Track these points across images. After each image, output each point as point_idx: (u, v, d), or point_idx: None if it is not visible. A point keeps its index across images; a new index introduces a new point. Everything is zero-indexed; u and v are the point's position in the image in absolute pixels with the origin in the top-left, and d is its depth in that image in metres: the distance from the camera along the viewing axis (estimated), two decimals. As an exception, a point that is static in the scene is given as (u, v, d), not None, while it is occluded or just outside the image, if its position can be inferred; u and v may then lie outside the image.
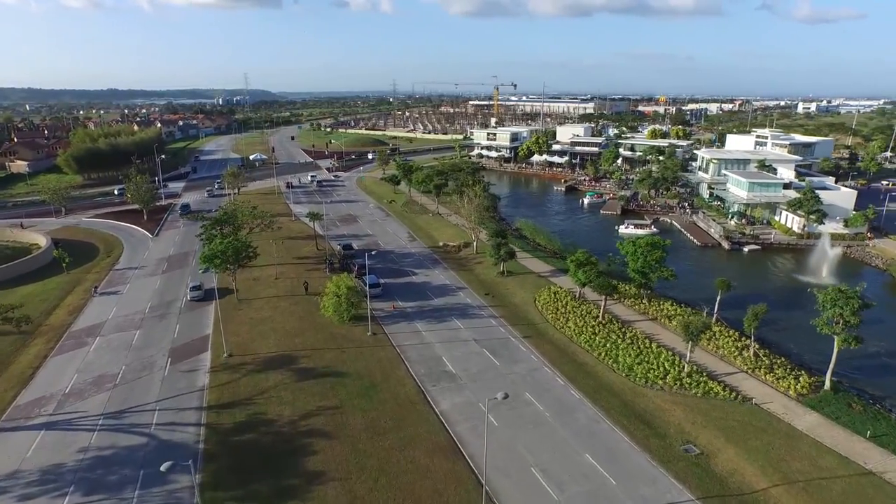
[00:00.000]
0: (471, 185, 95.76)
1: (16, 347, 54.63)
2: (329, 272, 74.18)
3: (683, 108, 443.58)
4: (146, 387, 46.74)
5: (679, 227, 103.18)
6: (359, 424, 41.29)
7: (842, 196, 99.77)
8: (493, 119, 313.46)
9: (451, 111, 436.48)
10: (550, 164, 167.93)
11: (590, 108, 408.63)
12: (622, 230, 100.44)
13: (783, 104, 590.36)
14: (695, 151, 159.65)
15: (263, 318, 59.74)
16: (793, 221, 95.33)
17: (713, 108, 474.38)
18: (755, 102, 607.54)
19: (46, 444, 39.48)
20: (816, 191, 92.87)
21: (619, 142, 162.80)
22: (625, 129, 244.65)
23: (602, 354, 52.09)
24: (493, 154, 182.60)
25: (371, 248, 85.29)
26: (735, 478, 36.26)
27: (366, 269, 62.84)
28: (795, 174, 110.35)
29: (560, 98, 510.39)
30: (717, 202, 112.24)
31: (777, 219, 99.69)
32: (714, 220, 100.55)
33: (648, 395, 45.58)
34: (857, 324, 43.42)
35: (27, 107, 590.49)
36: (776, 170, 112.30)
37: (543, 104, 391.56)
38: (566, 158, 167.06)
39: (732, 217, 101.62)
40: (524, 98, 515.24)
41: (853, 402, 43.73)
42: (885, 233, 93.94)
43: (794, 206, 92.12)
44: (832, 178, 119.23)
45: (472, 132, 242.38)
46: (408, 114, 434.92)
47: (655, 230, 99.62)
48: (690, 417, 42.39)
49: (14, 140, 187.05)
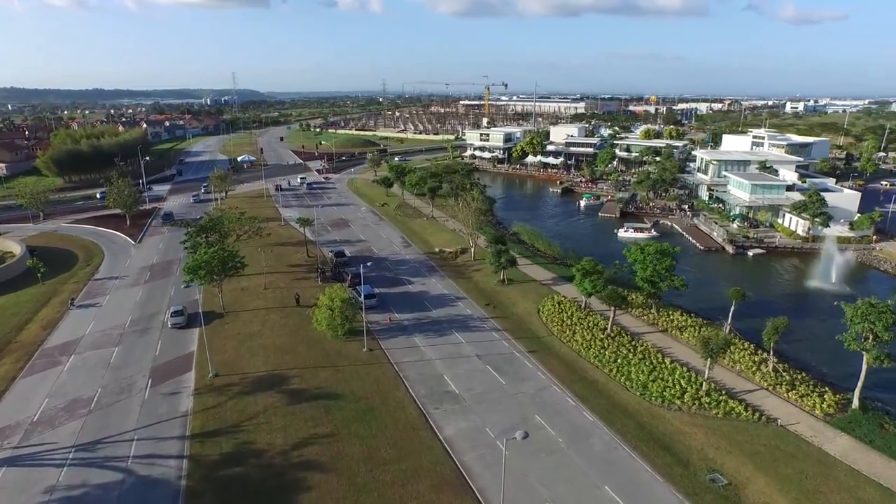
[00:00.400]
0: (468, 189, 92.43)
1: (-18, 368, 50.71)
2: (321, 281, 70.69)
3: (674, 108, 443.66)
4: (124, 412, 43.01)
5: (680, 231, 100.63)
6: (356, 454, 37.91)
7: (845, 198, 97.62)
8: (485, 119, 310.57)
9: (442, 111, 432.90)
10: (545, 166, 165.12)
11: (581, 108, 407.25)
12: (621, 234, 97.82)
13: (771, 104, 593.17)
14: (693, 152, 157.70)
15: (252, 333, 56.12)
16: (797, 224, 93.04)
17: (703, 108, 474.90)
18: (744, 102, 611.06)
19: (7, 484, 35.61)
20: (819, 193, 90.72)
21: (615, 142, 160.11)
22: (617, 129, 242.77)
23: (613, 371, 49.07)
24: (487, 155, 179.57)
25: (365, 256, 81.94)
26: (768, 512, 33.36)
27: (360, 280, 59.38)
28: (798, 176, 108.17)
29: (549, 98, 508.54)
30: (718, 204, 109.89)
31: (780, 221, 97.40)
32: (716, 223, 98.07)
33: (666, 417, 42.58)
34: (890, 340, 40.63)
35: (9, 106, 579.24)
36: (777, 171, 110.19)
37: (535, 104, 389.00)
38: (561, 159, 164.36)
39: (735, 220, 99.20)
40: (514, 98, 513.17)
41: (885, 423, 40.97)
42: (891, 235, 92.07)
43: (799, 209, 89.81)
44: (832, 180, 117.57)
45: (465, 132, 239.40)
46: (398, 114, 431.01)
47: (655, 233, 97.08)
48: (713, 441, 39.44)
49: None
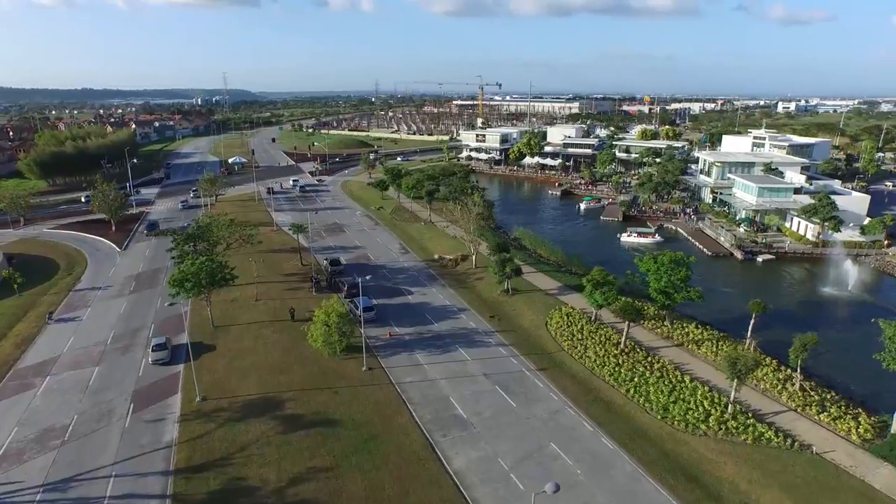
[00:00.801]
0: (469, 194, 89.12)
1: (-50, 391, 46.88)
2: (315, 291, 67.20)
3: (667, 108, 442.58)
4: (102, 443, 39.37)
5: (685, 235, 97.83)
6: (358, 491, 34.56)
7: (854, 201, 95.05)
8: (480, 119, 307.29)
9: (436, 111, 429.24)
10: (543, 167, 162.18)
11: (575, 108, 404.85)
12: (624, 238, 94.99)
13: (762, 104, 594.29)
14: (695, 153, 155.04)
15: (243, 350, 52.54)
16: (806, 228, 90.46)
17: (696, 108, 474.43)
18: (736, 102, 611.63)
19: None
20: (829, 196, 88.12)
21: (614, 143, 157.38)
22: (614, 130, 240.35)
23: (631, 391, 45.94)
24: (483, 156, 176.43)
25: (361, 264, 78.51)
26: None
27: (359, 291, 55.89)
28: (806, 178, 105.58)
29: (542, 98, 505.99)
30: (723, 207, 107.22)
31: (787, 225, 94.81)
32: (723, 228, 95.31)
33: (691, 443, 39.49)
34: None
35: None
36: (782, 173, 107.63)
37: (530, 104, 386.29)
38: (559, 161, 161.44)
39: (742, 224, 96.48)
40: (508, 98, 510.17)
41: (928, 450, 38.07)
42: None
43: (809, 213, 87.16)
44: (837, 181, 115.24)
45: (460, 133, 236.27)
46: (391, 114, 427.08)
47: (659, 238, 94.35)
48: (745, 472, 36.37)
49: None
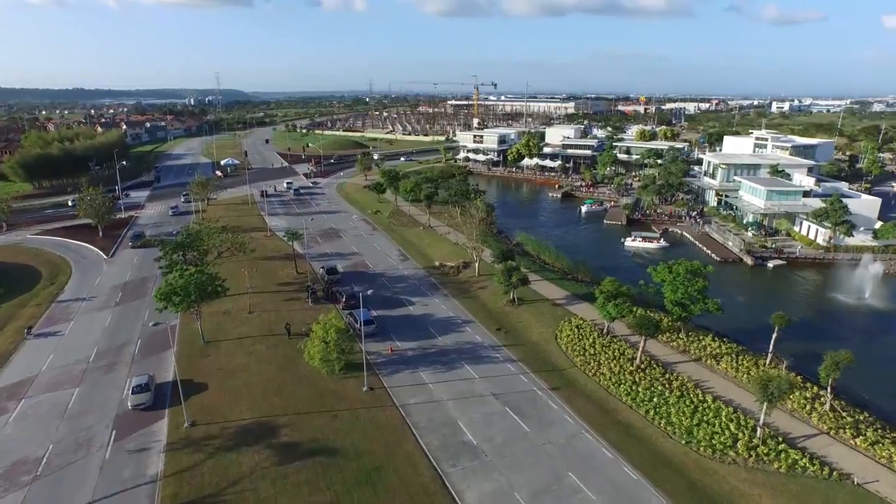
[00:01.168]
0: (471, 198, 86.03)
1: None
2: (312, 302, 63.96)
3: (663, 108, 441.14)
4: (79, 478, 36.03)
5: (691, 239, 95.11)
6: (361, 532, 31.46)
7: (864, 204, 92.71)
8: (476, 120, 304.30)
9: (431, 111, 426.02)
10: (542, 169, 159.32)
11: (570, 108, 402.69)
12: (629, 243, 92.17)
13: (756, 103, 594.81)
14: (695, 154, 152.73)
15: (235, 369, 49.27)
16: (817, 233, 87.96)
17: (691, 108, 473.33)
18: (730, 102, 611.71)
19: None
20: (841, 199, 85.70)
21: (614, 144, 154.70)
22: (611, 130, 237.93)
23: (650, 412, 43.00)
24: (481, 157, 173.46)
25: (359, 272, 75.31)
26: None
27: (360, 303, 52.73)
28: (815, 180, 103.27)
29: (536, 97, 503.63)
30: (728, 211, 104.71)
31: (797, 229, 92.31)
32: (731, 232, 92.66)
33: (720, 472, 36.59)
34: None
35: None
36: (790, 175, 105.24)
37: (526, 104, 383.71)
38: (559, 162, 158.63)
39: (750, 228, 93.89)
40: (503, 98, 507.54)
41: (976, 480, 35.35)
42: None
43: (821, 217, 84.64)
44: (844, 183, 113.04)
45: (456, 133, 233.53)
46: (385, 114, 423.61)
47: (665, 243, 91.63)
48: (782, 507, 33.54)
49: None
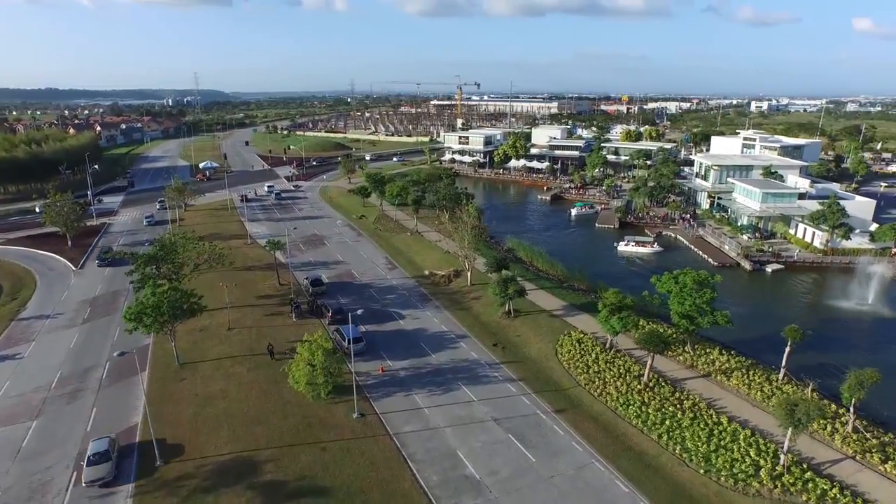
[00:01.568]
0: (462, 203, 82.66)
1: None
2: (296, 317, 60.13)
3: (645, 108, 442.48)
4: (35, 530, 32.02)
5: (686, 243, 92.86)
6: (356, 591, 27.94)
7: (859, 205, 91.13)
8: (460, 120, 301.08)
9: (414, 111, 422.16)
10: (530, 170, 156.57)
11: (554, 108, 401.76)
12: (622, 248, 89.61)
13: (735, 103, 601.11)
14: (682, 155, 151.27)
15: (213, 395, 45.31)
16: (813, 236, 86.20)
17: (672, 107, 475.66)
18: (710, 101, 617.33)
19: None
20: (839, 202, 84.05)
21: (602, 145, 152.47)
22: (596, 130, 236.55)
23: (664, 437, 40.04)
24: (467, 159, 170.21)
25: (346, 282, 71.54)
26: None
27: (348, 318, 49.18)
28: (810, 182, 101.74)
29: (518, 97, 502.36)
30: (722, 213, 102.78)
31: (793, 232, 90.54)
32: (727, 235, 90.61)
33: (745, 506, 33.76)
34: None
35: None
36: (783, 177, 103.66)
37: (510, 104, 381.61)
38: (546, 164, 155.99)
39: (746, 231, 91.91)
40: (486, 97, 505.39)
41: None
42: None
43: (818, 220, 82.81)
44: (837, 184, 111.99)
45: (440, 134, 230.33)
46: (368, 114, 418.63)
47: (659, 248, 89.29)
48: (816, 546, 30.72)
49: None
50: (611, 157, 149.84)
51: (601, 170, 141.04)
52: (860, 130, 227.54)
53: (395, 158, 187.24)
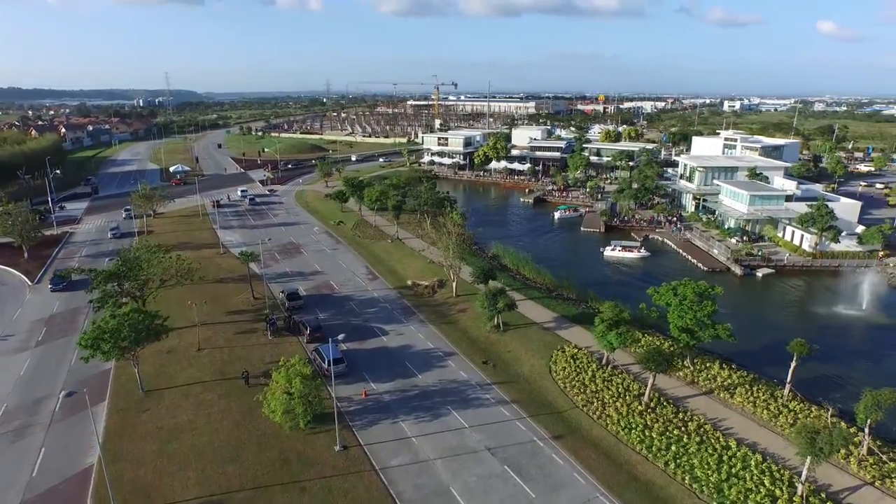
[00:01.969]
0: (445, 210, 79.29)
1: None
2: (271, 335, 56.17)
3: (621, 107, 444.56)
4: None
5: (674, 247, 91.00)
6: None
7: (844, 207, 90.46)
8: (438, 121, 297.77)
9: (390, 112, 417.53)
10: (511, 172, 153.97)
11: (531, 108, 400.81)
12: (608, 253, 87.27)
13: (708, 102, 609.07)
14: (665, 156, 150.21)
15: (180, 427, 41.22)
16: (801, 239, 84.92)
17: (647, 107, 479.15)
18: (685, 101, 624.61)
19: None
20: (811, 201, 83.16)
21: (584, 146, 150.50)
22: (574, 130, 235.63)
23: (671, 464, 37.26)
24: (447, 161, 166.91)
25: (324, 295, 67.67)
26: None
27: (328, 335, 45.61)
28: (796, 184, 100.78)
29: (495, 97, 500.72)
30: (709, 216, 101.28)
31: (780, 235, 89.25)
32: (715, 239, 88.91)
33: (764, 545, 31.09)
34: None
35: None
36: (768, 178, 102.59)
37: (489, 104, 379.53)
38: (528, 165, 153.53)
39: (734, 234, 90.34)
40: (463, 97, 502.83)
41: None
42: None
43: (807, 222, 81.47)
44: (819, 185, 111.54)
45: (418, 135, 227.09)
46: (344, 115, 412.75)
47: (646, 252, 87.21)
48: (845, 591, 28.16)
49: None
50: (593, 159, 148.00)
51: (584, 171, 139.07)
52: (833, 130, 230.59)
53: (381, 160, 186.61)
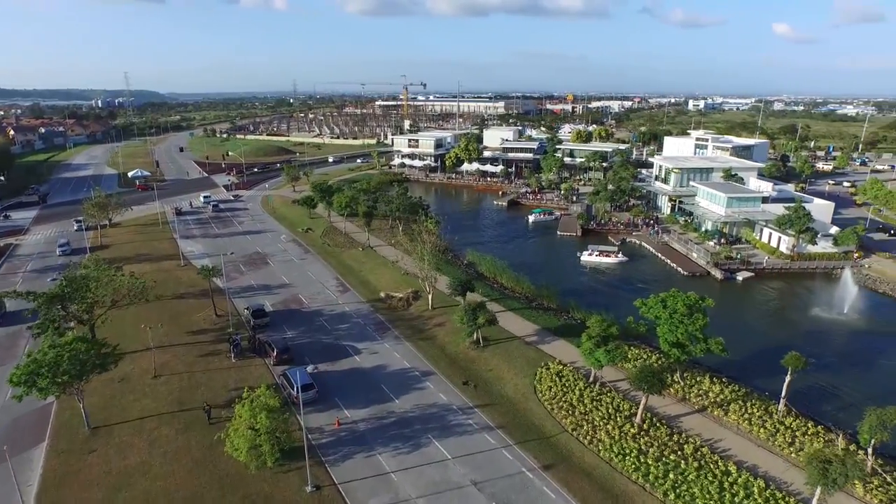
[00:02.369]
0: (420, 217, 75.93)
1: None
2: (235, 358, 52.06)
3: (589, 106, 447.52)
4: None
5: (652, 251, 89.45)
6: None
7: (818, 208, 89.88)
8: (407, 121, 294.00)
9: (359, 112, 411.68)
10: (483, 174, 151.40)
11: (500, 108, 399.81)
12: (585, 258, 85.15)
13: (673, 101, 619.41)
14: (637, 156, 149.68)
15: (132, 470, 37.01)
16: (779, 241, 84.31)
17: (615, 106, 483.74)
18: (650, 100, 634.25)
19: None
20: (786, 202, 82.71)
21: (557, 147, 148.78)
22: (545, 130, 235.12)
23: (671, 495, 34.79)
24: (418, 163, 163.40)
25: (292, 310, 63.56)
26: None
27: (296, 357, 41.96)
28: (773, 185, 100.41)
29: (464, 97, 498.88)
30: (685, 218, 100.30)
31: (757, 237, 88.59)
32: (693, 242, 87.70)
33: (776, 586, 28.77)
34: None
35: None
36: (743, 179, 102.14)
37: (458, 104, 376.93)
38: (501, 167, 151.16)
39: (712, 237, 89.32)
40: (432, 97, 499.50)
41: None
42: (869, 250, 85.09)
43: (785, 224, 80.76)
44: (791, 186, 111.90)
45: (388, 136, 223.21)
46: (311, 115, 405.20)
47: (624, 257, 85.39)
48: None
49: None
50: (567, 160, 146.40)
51: (557, 173, 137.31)
52: (796, 130, 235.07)
53: (359, 160, 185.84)
